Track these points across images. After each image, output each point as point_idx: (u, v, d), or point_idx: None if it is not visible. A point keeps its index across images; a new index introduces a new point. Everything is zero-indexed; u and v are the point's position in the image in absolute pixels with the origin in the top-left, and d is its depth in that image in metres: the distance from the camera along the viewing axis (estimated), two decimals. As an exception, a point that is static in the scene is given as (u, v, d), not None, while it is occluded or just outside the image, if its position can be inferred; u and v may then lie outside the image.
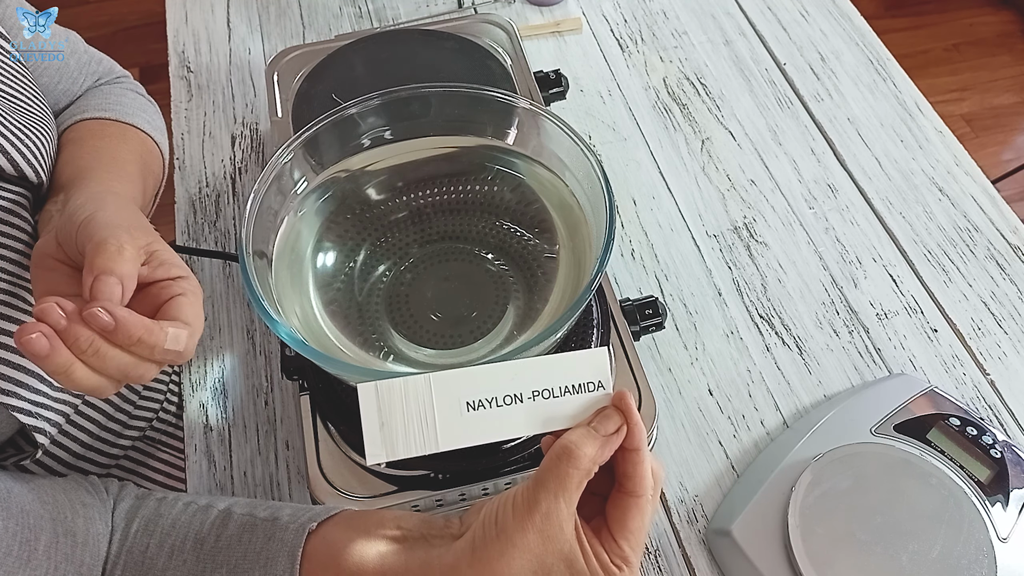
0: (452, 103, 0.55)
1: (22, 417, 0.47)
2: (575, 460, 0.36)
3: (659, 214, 0.74)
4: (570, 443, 0.36)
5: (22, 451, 0.52)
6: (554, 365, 0.38)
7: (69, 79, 0.62)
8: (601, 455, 0.37)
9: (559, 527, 0.36)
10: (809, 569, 0.50)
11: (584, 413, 0.38)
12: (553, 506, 0.36)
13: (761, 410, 0.62)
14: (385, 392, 0.37)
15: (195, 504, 0.47)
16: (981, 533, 0.51)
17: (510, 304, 0.53)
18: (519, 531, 0.36)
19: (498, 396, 0.38)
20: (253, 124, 0.81)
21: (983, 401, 0.63)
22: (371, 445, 0.37)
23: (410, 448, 0.37)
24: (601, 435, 0.37)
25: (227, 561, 0.43)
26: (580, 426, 0.37)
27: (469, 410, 0.38)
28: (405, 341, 0.52)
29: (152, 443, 0.66)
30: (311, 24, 0.90)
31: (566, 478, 0.36)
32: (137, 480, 0.64)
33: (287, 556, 0.42)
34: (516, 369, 0.38)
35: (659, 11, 0.90)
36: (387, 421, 0.37)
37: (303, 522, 0.43)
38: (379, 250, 0.56)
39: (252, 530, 0.44)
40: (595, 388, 0.39)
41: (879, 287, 0.69)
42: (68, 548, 0.44)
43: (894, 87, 0.82)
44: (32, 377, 0.48)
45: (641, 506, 0.38)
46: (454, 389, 0.38)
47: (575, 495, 0.36)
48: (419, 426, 0.37)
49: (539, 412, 0.38)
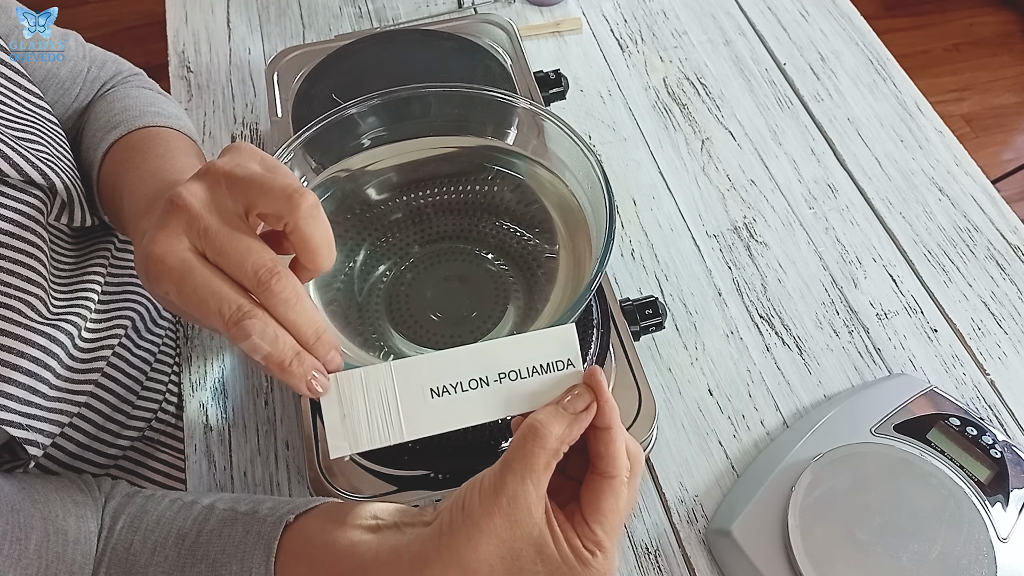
0: (452, 103, 0.55)
1: (11, 430, 0.46)
2: (541, 440, 0.35)
3: (659, 214, 0.74)
4: (536, 422, 0.35)
5: (17, 457, 0.51)
6: (520, 345, 0.37)
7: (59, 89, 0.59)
8: (569, 434, 0.35)
9: (527, 510, 0.34)
10: (809, 569, 0.50)
11: (554, 393, 0.37)
12: (520, 488, 0.34)
13: (761, 410, 0.62)
14: (345, 383, 0.36)
15: (180, 500, 0.47)
16: (981, 533, 0.51)
17: (510, 304, 0.53)
18: (485, 515, 0.34)
19: (463, 381, 0.37)
20: (253, 124, 0.81)
21: (983, 401, 0.63)
22: (333, 438, 0.36)
23: (374, 439, 0.36)
24: (569, 413, 0.36)
25: (206, 556, 0.43)
26: (549, 405, 0.36)
27: (433, 397, 0.36)
28: (405, 341, 0.52)
29: (151, 443, 0.66)
30: (311, 24, 0.90)
31: (532, 458, 0.34)
32: (136, 480, 0.64)
33: (263, 548, 0.41)
34: (480, 352, 0.37)
35: (659, 11, 0.90)
36: (348, 413, 0.36)
37: (281, 515, 0.43)
38: (379, 250, 0.56)
39: (232, 524, 0.44)
40: (564, 366, 0.37)
41: (879, 287, 0.69)
42: (59, 547, 0.44)
43: (894, 87, 0.82)
44: (23, 390, 0.47)
45: (615, 488, 0.36)
46: (417, 376, 0.36)
47: (544, 476, 0.35)
48: (382, 416, 0.36)
49: (507, 395, 0.37)
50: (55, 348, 0.50)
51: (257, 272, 0.35)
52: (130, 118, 0.57)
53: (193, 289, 0.35)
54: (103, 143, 0.56)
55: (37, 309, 0.49)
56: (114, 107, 0.59)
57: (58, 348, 0.50)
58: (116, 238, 0.62)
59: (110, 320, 0.59)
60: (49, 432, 0.50)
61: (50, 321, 0.50)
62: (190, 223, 0.35)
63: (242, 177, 0.36)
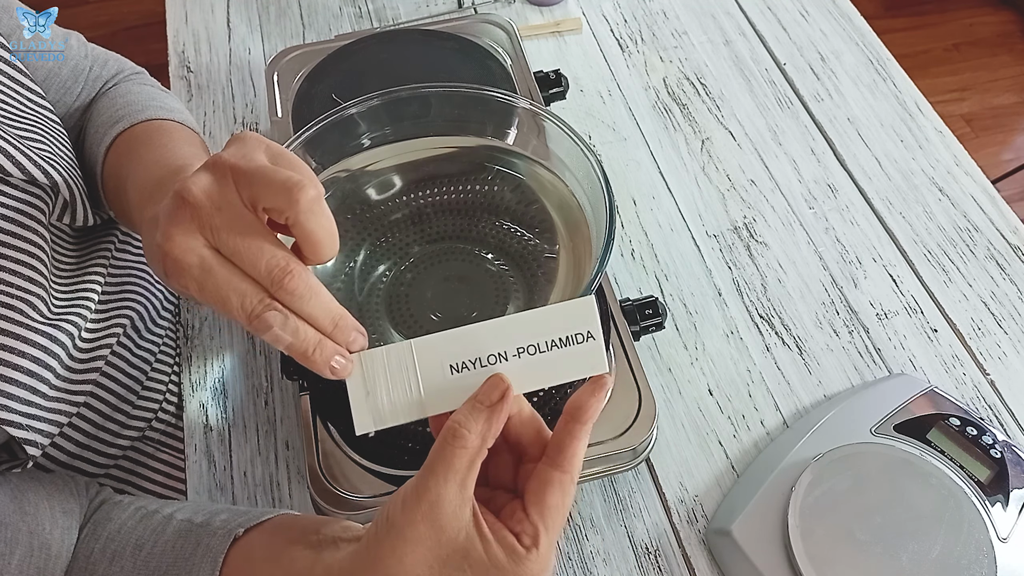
0: (452, 103, 0.55)
1: (11, 430, 0.47)
2: (461, 439, 0.34)
3: (659, 214, 0.74)
4: (454, 422, 0.34)
5: (15, 457, 0.51)
6: (539, 319, 0.37)
7: (61, 88, 0.60)
8: (489, 428, 0.34)
9: (451, 514, 0.33)
10: (809, 569, 0.50)
11: (575, 366, 0.37)
12: (443, 491, 0.33)
13: (761, 410, 0.62)
14: (368, 361, 0.36)
15: (144, 509, 0.47)
16: (981, 533, 0.51)
17: (510, 304, 0.53)
18: (408, 524, 0.33)
19: (482, 356, 0.36)
20: (253, 124, 0.81)
21: (983, 401, 0.63)
22: (358, 414, 0.36)
23: (397, 416, 0.36)
24: (486, 407, 0.35)
25: (159, 567, 0.43)
26: (466, 402, 0.35)
27: (453, 373, 0.36)
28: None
29: (151, 443, 0.66)
30: (311, 24, 0.90)
31: (453, 458, 0.33)
32: (136, 480, 0.64)
33: (209, 563, 0.41)
34: (500, 327, 0.37)
35: (659, 11, 0.90)
36: (372, 390, 0.36)
37: (231, 528, 0.43)
38: (379, 250, 0.56)
39: (186, 536, 0.44)
40: (584, 339, 0.37)
41: (879, 287, 0.69)
42: (41, 561, 0.44)
43: (894, 87, 0.82)
44: (24, 390, 0.47)
45: (564, 484, 0.35)
46: (437, 353, 0.36)
47: (468, 478, 0.34)
48: (404, 393, 0.36)
49: (527, 369, 0.36)
50: (56, 348, 0.50)
51: (271, 272, 0.35)
52: (133, 112, 0.57)
53: (214, 288, 0.35)
54: (106, 137, 0.56)
55: (39, 309, 0.49)
56: (116, 103, 0.59)
57: (59, 348, 0.50)
58: (116, 238, 0.62)
59: (108, 320, 0.59)
60: (48, 432, 0.50)
61: (51, 321, 0.50)
62: (201, 221, 0.35)
63: (246, 170, 0.35)
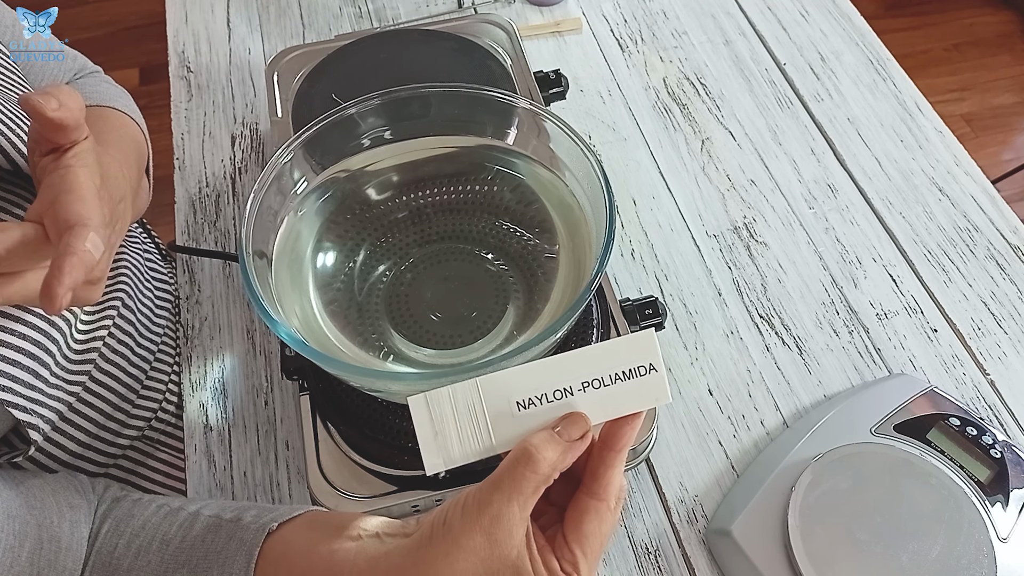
0: (452, 103, 0.55)
1: (17, 413, 0.47)
2: (534, 464, 0.35)
3: (659, 214, 0.74)
4: (531, 446, 0.35)
5: (15, 449, 0.52)
6: (601, 354, 0.38)
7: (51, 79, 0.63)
8: (562, 461, 0.35)
9: (508, 531, 0.34)
10: (809, 569, 0.50)
11: (638, 397, 0.38)
12: (505, 509, 0.34)
13: (761, 410, 0.62)
14: (435, 401, 0.37)
15: (168, 506, 0.47)
16: (981, 533, 0.51)
17: (510, 304, 0.53)
18: (465, 532, 0.34)
19: (547, 392, 0.37)
20: (253, 124, 0.81)
21: (983, 401, 0.63)
22: (428, 455, 0.37)
23: (467, 454, 0.37)
24: (564, 440, 0.36)
25: (188, 561, 0.43)
26: (544, 430, 0.36)
27: (520, 409, 0.37)
28: (405, 341, 0.52)
29: (151, 443, 0.66)
30: (311, 24, 0.90)
31: (523, 481, 0.35)
32: (136, 480, 0.64)
33: (244, 555, 0.42)
34: (563, 363, 0.38)
35: (659, 11, 0.90)
36: (440, 430, 0.37)
37: (264, 522, 0.43)
38: (379, 250, 0.56)
39: (216, 531, 0.44)
40: (647, 371, 0.38)
41: (879, 287, 0.69)
42: (52, 554, 0.44)
43: (894, 87, 0.82)
44: (27, 373, 0.48)
45: (601, 512, 0.36)
46: (503, 390, 0.37)
47: (531, 500, 0.35)
48: (472, 431, 0.37)
49: (592, 402, 0.37)
50: (55, 333, 0.51)
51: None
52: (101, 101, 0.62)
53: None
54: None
55: None
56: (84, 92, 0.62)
57: (57, 333, 0.51)
58: None
59: (103, 299, 0.59)
60: (49, 417, 0.51)
61: None
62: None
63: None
